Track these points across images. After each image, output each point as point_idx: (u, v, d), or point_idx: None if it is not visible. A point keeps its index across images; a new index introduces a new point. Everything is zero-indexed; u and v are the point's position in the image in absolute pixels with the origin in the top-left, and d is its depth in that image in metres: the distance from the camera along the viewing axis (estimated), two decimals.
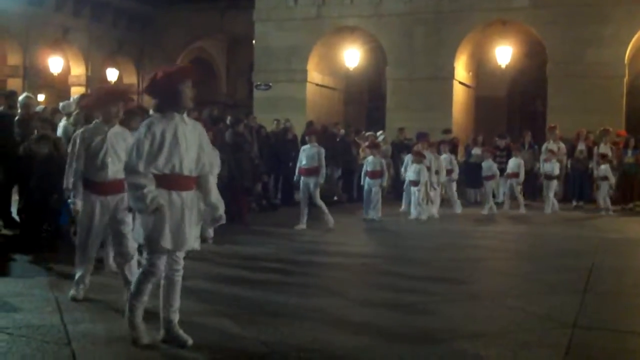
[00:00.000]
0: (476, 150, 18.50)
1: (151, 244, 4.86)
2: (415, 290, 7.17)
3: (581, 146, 17.47)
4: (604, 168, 15.67)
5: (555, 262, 9.12)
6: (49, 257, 8.31)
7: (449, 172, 15.45)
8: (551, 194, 15.75)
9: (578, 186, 17.56)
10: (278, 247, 9.93)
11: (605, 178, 15.63)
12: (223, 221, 5.05)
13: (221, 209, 5.02)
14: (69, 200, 6.48)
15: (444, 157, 15.45)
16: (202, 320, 5.57)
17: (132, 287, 5.07)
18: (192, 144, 4.91)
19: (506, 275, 8.40)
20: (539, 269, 8.70)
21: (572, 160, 17.51)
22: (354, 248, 10.47)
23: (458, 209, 15.47)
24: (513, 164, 15.71)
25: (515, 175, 15.62)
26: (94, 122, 6.38)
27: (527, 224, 14.04)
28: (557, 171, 15.94)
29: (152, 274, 4.93)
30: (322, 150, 12.12)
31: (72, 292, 6.26)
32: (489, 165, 15.65)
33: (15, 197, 10.91)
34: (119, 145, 6.16)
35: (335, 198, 16.90)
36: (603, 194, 15.75)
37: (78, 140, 6.27)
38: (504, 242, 11.53)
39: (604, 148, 16.81)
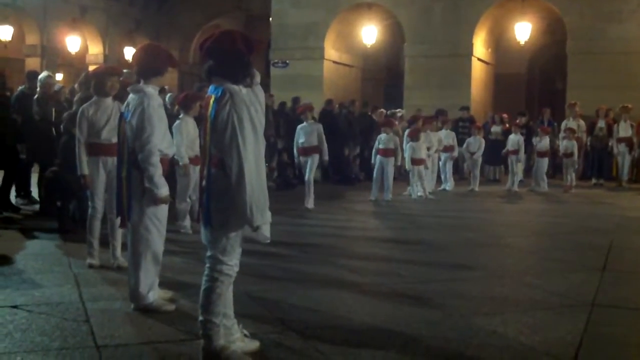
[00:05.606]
0: (495, 128, 18.38)
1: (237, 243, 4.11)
2: (434, 268, 7.16)
3: (601, 123, 17.30)
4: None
5: (574, 240, 9.06)
6: (69, 235, 8.39)
7: (449, 148, 15.36)
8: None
9: (597, 163, 17.44)
10: (289, 228, 9.92)
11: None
12: None
13: None
14: None
15: (445, 133, 15.39)
16: None
17: (205, 305, 4.06)
18: None
19: (525, 253, 8.36)
20: (557, 246, 8.65)
21: (591, 138, 17.36)
22: (368, 228, 10.49)
23: (449, 186, 15.41)
24: (513, 141, 15.56)
25: (515, 152, 15.49)
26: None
27: (545, 201, 13.96)
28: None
29: (231, 277, 4.15)
30: (321, 127, 12.00)
31: None
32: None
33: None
34: None
35: (353, 176, 16.88)
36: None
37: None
38: (522, 219, 11.47)
39: (624, 125, 16.64)
